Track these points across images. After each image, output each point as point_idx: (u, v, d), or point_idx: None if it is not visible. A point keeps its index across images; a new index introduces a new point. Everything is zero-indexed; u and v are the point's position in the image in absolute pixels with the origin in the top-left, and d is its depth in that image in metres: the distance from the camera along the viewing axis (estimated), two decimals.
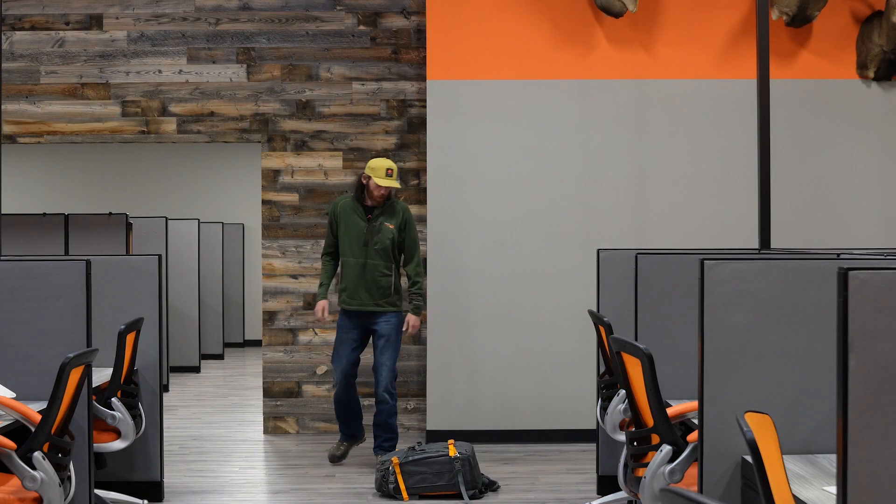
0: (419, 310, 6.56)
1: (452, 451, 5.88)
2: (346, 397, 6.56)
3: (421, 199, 7.59)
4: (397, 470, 5.82)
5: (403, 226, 6.50)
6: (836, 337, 2.33)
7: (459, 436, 6.99)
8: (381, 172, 6.40)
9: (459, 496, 5.80)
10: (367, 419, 7.03)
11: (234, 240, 13.79)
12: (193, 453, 7.11)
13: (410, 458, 5.86)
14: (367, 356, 6.86)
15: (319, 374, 7.66)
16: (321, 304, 6.64)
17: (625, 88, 7.39)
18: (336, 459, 6.69)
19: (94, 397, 4.91)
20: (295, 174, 7.64)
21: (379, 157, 7.21)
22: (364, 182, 6.48)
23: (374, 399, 6.61)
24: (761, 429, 2.73)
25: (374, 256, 6.46)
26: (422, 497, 5.83)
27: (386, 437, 6.51)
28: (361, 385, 7.07)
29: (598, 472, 5.93)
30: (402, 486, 5.81)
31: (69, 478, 4.02)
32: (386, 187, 6.42)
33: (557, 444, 7.25)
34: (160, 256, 5.82)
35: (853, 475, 2.29)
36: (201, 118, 7.65)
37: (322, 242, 7.59)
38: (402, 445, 6.56)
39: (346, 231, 6.51)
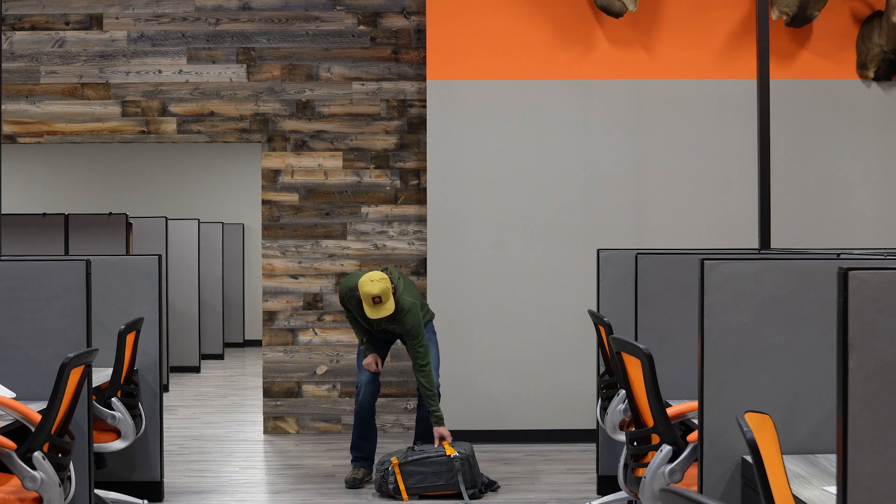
0: (441, 420, 5.95)
1: (451, 451, 5.86)
2: (371, 406, 6.10)
3: (421, 199, 7.59)
4: (396, 470, 5.81)
5: (405, 335, 5.94)
6: (836, 337, 2.33)
7: (459, 436, 6.99)
8: (368, 301, 5.75)
9: (459, 496, 5.79)
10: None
11: (234, 240, 13.79)
12: (193, 453, 7.11)
13: (410, 459, 5.85)
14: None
15: (319, 374, 7.65)
16: (375, 357, 6.13)
17: (625, 88, 7.39)
18: (358, 483, 6.11)
19: (94, 397, 4.91)
20: (295, 174, 7.64)
21: (368, 272, 5.88)
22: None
23: (417, 398, 6.32)
24: (761, 429, 2.72)
25: (386, 335, 6.18)
26: (422, 497, 5.83)
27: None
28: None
29: (598, 472, 5.92)
30: (402, 487, 5.80)
31: (69, 478, 4.02)
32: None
33: (557, 444, 7.25)
34: (160, 256, 5.82)
35: (853, 475, 2.29)
36: (201, 118, 7.65)
37: (323, 243, 7.61)
38: (401, 445, 6.56)
39: (360, 318, 6.07)
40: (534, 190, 7.37)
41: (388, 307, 5.76)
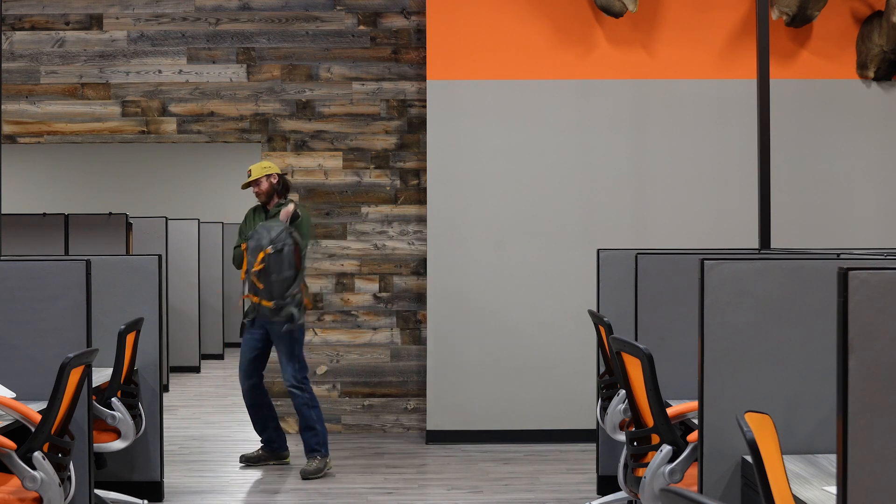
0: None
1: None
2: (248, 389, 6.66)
3: (421, 199, 7.59)
4: None
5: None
6: (836, 337, 2.33)
7: (459, 436, 7.00)
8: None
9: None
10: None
11: (234, 240, 13.76)
12: (193, 453, 7.11)
13: None
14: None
15: (319, 374, 7.65)
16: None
17: (625, 88, 7.39)
18: (247, 460, 6.63)
19: (94, 397, 4.91)
20: (295, 174, 7.64)
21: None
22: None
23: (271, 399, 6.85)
24: (761, 429, 2.73)
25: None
26: None
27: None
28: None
29: (598, 472, 5.93)
30: None
31: (69, 478, 4.02)
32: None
33: (557, 444, 7.24)
34: (160, 256, 5.82)
35: (853, 475, 2.29)
36: (201, 118, 7.65)
37: (323, 243, 7.61)
38: (400, 445, 6.55)
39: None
40: (534, 190, 7.37)
41: (252, 177, 6.60)
